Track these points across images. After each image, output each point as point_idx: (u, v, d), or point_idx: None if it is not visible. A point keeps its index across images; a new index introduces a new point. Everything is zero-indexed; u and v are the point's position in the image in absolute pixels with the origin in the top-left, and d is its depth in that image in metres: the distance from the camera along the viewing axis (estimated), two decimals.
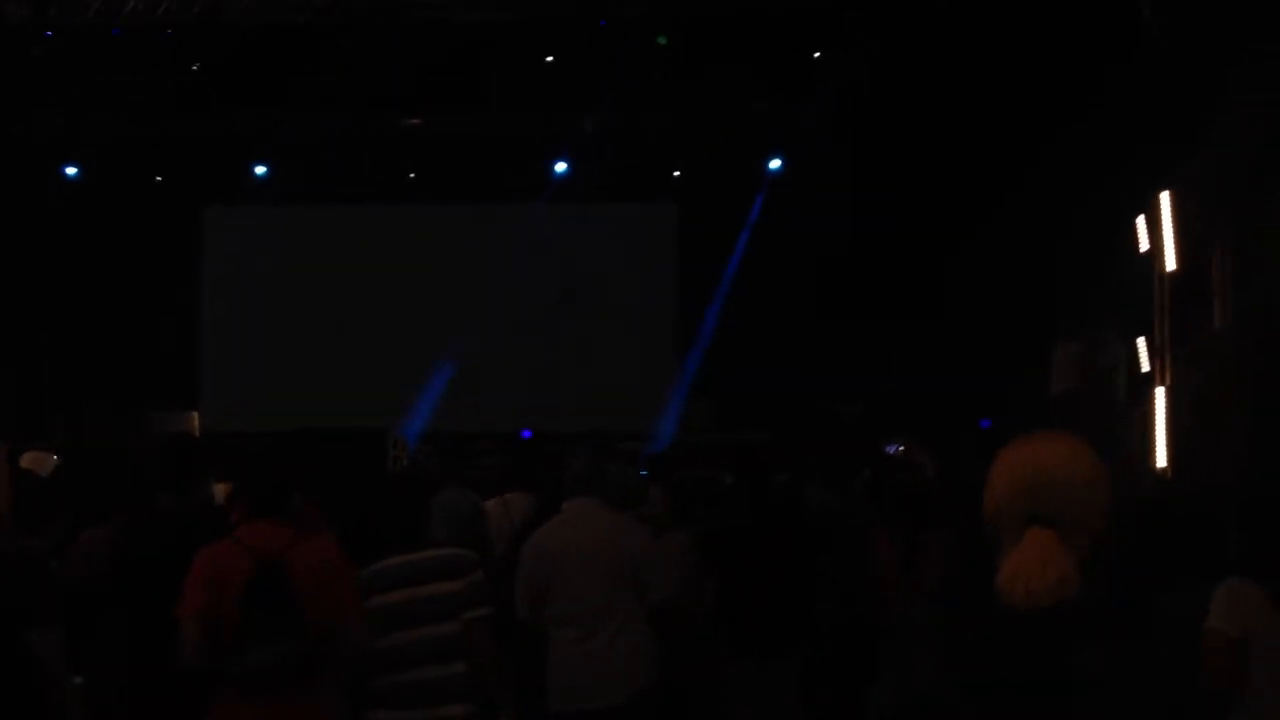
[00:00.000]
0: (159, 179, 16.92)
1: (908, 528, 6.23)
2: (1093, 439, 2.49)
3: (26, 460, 7.82)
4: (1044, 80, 12.00)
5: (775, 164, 16.04)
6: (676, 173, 16.76)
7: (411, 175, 17.10)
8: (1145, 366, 10.66)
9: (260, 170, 16.60)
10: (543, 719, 5.02)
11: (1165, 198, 9.89)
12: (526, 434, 13.37)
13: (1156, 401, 9.82)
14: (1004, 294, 13.26)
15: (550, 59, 14.49)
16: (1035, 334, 12.88)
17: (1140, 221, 10.44)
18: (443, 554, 4.36)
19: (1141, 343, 10.75)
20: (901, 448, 12.36)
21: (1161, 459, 9.54)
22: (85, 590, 4.51)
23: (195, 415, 11.54)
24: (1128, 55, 10.37)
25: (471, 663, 4.26)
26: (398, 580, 4.22)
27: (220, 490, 6.35)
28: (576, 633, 4.79)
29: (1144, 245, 10.40)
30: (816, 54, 14.34)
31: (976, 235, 13.37)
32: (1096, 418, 11.84)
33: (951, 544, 5.44)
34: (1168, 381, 9.87)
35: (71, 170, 16.31)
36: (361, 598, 4.04)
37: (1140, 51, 10.16)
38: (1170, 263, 9.91)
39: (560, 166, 16.47)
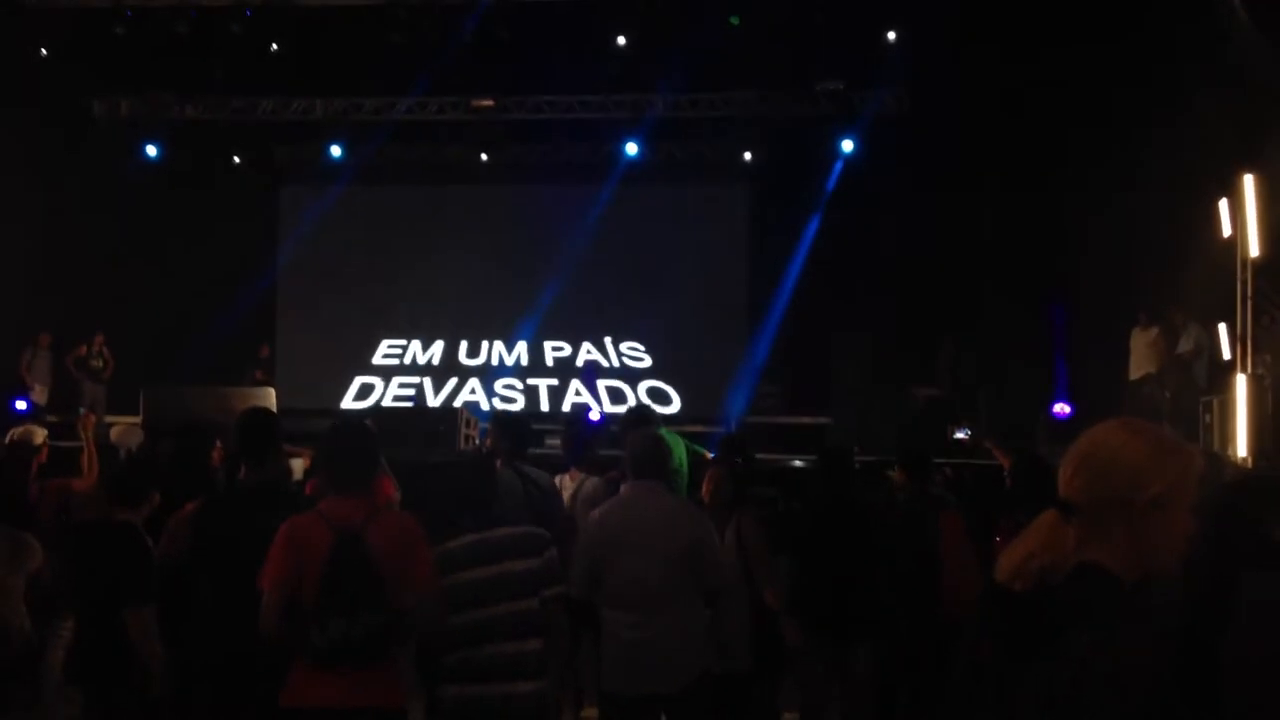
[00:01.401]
0: (237, 159, 17.15)
1: (982, 515, 6.16)
2: (1171, 426, 2.47)
3: (115, 434, 8.03)
4: (1126, 63, 11.82)
5: (848, 145, 15.87)
6: (748, 154, 16.68)
7: (484, 157, 17.18)
8: (1226, 354, 10.48)
9: (336, 151, 16.77)
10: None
11: (1249, 181, 9.70)
12: (595, 418, 13.38)
13: (1237, 389, 9.64)
14: (1082, 278, 13.07)
15: (622, 40, 14.44)
16: (1114, 319, 12.67)
17: (1223, 205, 10.25)
18: (518, 531, 4.39)
19: (1223, 329, 10.57)
20: (969, 433, 12.28)
21: (1242, 447, 9.37)
22: (176, 565, 4.60)
23: (272, 391, 11.69)
24: (1211, 39, 10.18)
25: (547, 640, 4.29)
26: (474, 558, 4.26)
27: (297, 465, 6.48)
28: (634, 616, 4.73)
29: (1226, 230, 10.22)
30: (890, 34, 14.17)
31: (1053, 219, 13.19)
32: (1176, 405, 11.67)
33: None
34: (1249, 369, 9.69)
35: (151, 150, 16.57)
36: (439, 574, 4.07)
37: (1224, 34, 9.98)
38: (1254, 248, 9.72)
39: (631, 148, 16.45)
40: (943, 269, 14.53)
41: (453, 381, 17.21)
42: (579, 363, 16.95)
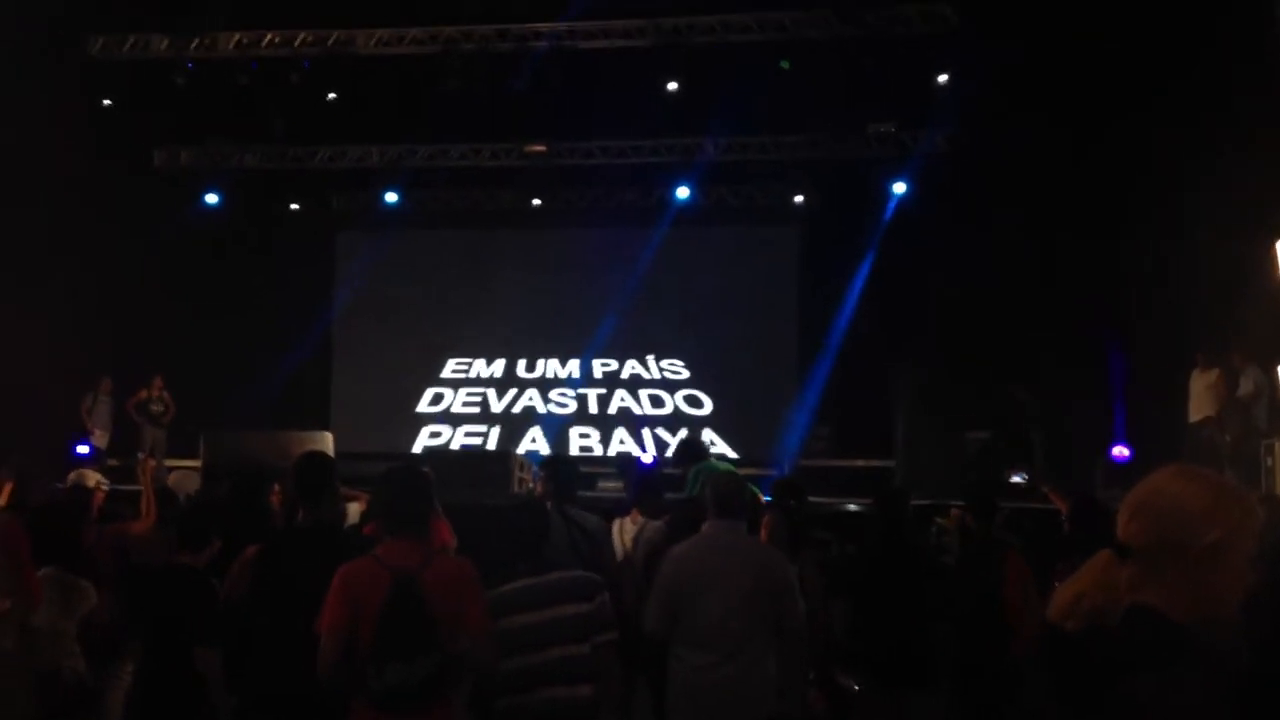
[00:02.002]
0: (294, 206, 17.42)
1: (1039, 559, 6.09)
2: (1232, 470, 2.46)
3: (173, 479, 8.13)
4: (1179, 103, 11.75)
5: (900, 187, 15.85)
6: (800, 197, 16.69)
7: (536, 202, 17.33)
8: None
9: (391, 198, 16.99)
10: None
11: None
12: (647, 460, 13.38)
13: None
14: (1138, 319, 12.93)
15: (673, 86, 14.54)
16: (1172, 361, 12.51)
17: (1279, 247, 10.12)
18: (570, 576, 4.40)
19: None
20: (1026, 476, 12.15)
21: None
22: (237, 608, 4.64)
23: (329, 435, 11.79)
24: (1266, 79, 10.10)
25: (599, 685, 4.29)
26: (527, 602, 4.26)
27: (354, 508, 6.53)
28: (710, 656, 4.69)
29: None
30: (941, 76, 14.16)
31: (1108, 259, 13.08)
32: (1236, 448, 11.48)
33: None
34: None
35: (211, 198, 16.86)
36: (492, 619, 4.08)
37: (1276, 73, 9.90)
38: None
39: (683, 192, 16.52)
40: (996, 311, 14.42)
41: (507, 424, 17.28)
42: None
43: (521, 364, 17.66)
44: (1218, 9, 11.31)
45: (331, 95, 14.96)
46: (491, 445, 16.92)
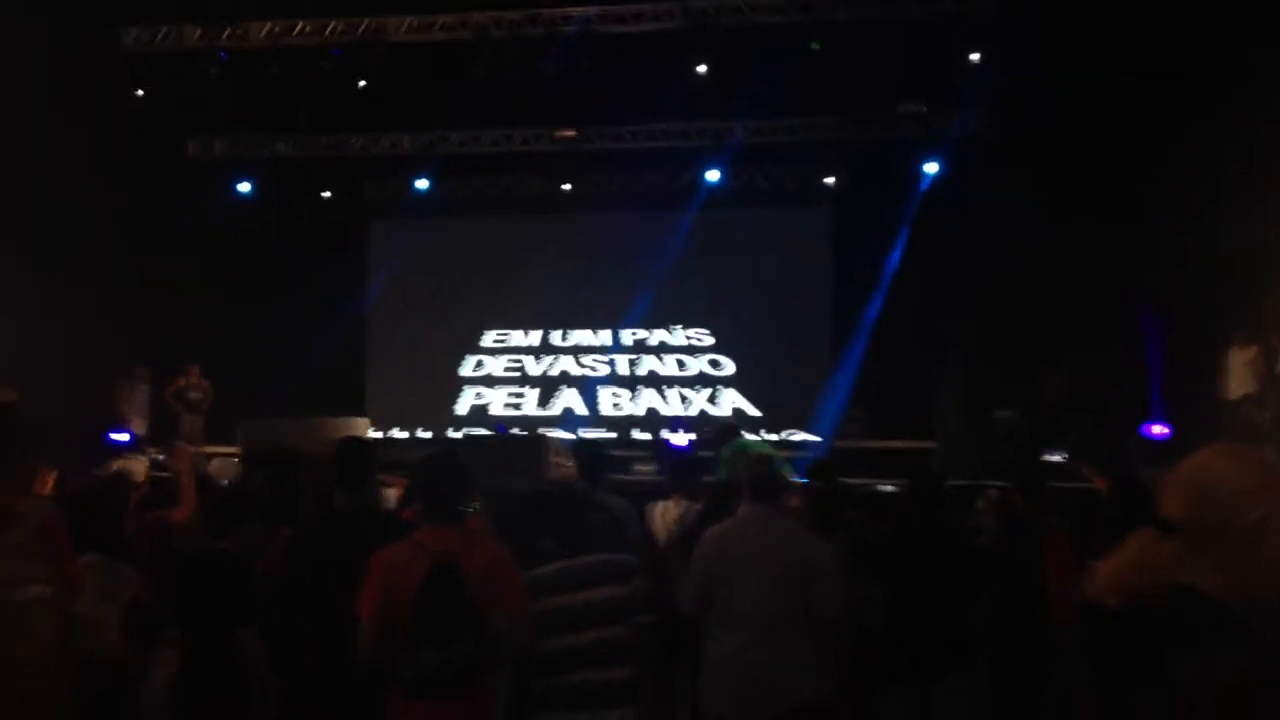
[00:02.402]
0: (327, 194, 17.49)
1: (1079, 540, 6.04)
2: (1273, 447, 2.44)
3: (212, 467, 8.20)
4: (1214, 77, 11.62)
5: (931, 167, 15.75)
6: (831, 179, 16.60)
7: (566, 186, 17.33)
8: None
9: (422, 185, 17.04)
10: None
11: None
12: (681, 442, 13.39)
13: None
14: (1175, 296, 12.81)
15: (702, 69, 14.48)
16: (1208, 338, 12.39)
17: None
18: (606, 559, 4.40)
19: None
20: (1065, 456, 12.07)
21: None
22: (273, 590, 4.69)
23: (365, 421, 11.88)
24: None
25: (635, 667, 4.30)
26: (563, 584, 4.27)
27: (391, 493, 6.57)
28: (745, 637, 4.72)
29: None
30: (973, 55, 14.03)
31: (1143, 236, 12.95)
32: (1276, 425, 11.37)
33: None
34: None
35: (244, 187, 16.97)
36: (529, 601, 4.10)
37: None
38: None
39: (713, 175, 16.48)
40: (1030, 290, 14.33)
41: (539, 408, 17.34)
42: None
43: (555, 339, 17.74)
44: None
45: (362, 83, 14.99)
46: (530, 410, 17.00)
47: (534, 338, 17.86)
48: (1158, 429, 12.15)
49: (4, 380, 12.45)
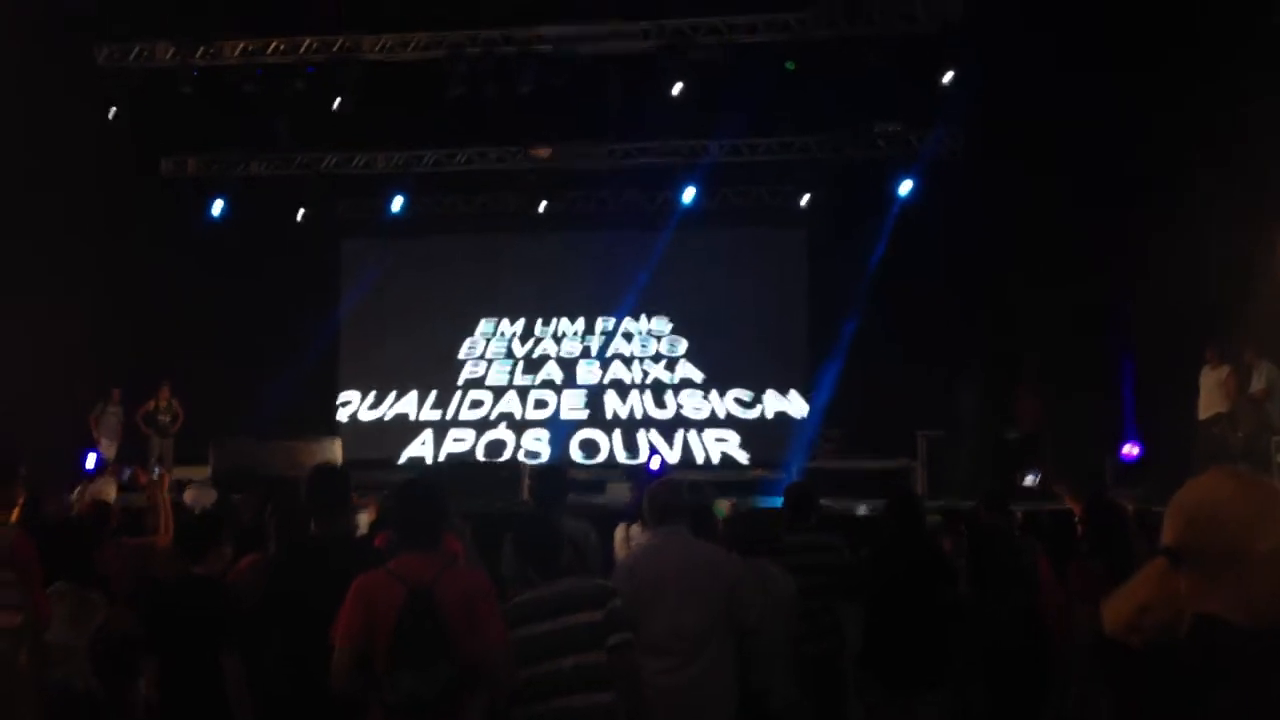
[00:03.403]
0: (301, 213, 17.43)
1: (1054, 561, 6.05)
2: (1243, 466, 2.42)
3: (189, 496, 8.12)
4: (1184, 96, 11.71)
5: (906, 187, 15.80)
6: (806, 198, 16.63)
7: (542, 205, 17.30)
8: None
9: (397, 203, 17.00)
10: None
11: None
12: (653, 466, 13.38)
13: None
14: (1147, 316, 12.88)
15: (677, 88, 14.51)
16: (1180, 358, 12.46)
17: None
18: (584, 584, 4.38)
19: None
20: (1039, 476, 12.11)
21: None
22: (249, 617, 4.64)
23: (338, 442, 11.82)
24: (1267, 67, 10.08)
25: (619, 689, 4.26)
26: (542, 611, 4.24)
27: (363, 519, 6.52)
28: (669, 661, 4.69)
29: None
30: (947, 75, 14.10)
31: (1116, 256, 13.03)
32: (1249, 445, 11.43)
33: (1102, 576, 5.26)
34: None
35: (218, 206, 16.87)
36: (508, 629, 4.08)
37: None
38: None
39: (688, 194, 16.51)
40: (1003, 309, 14.40)
41: (514, 431, 17.26)
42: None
43: (522, 395, 17.57)
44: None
45: (337, 101, 14.96)
46: (500, 444, 16.93)
47: (497, 398, 17.61)
48: (1130, 449, 12.19)
49: None
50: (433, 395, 17.48)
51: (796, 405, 16.52)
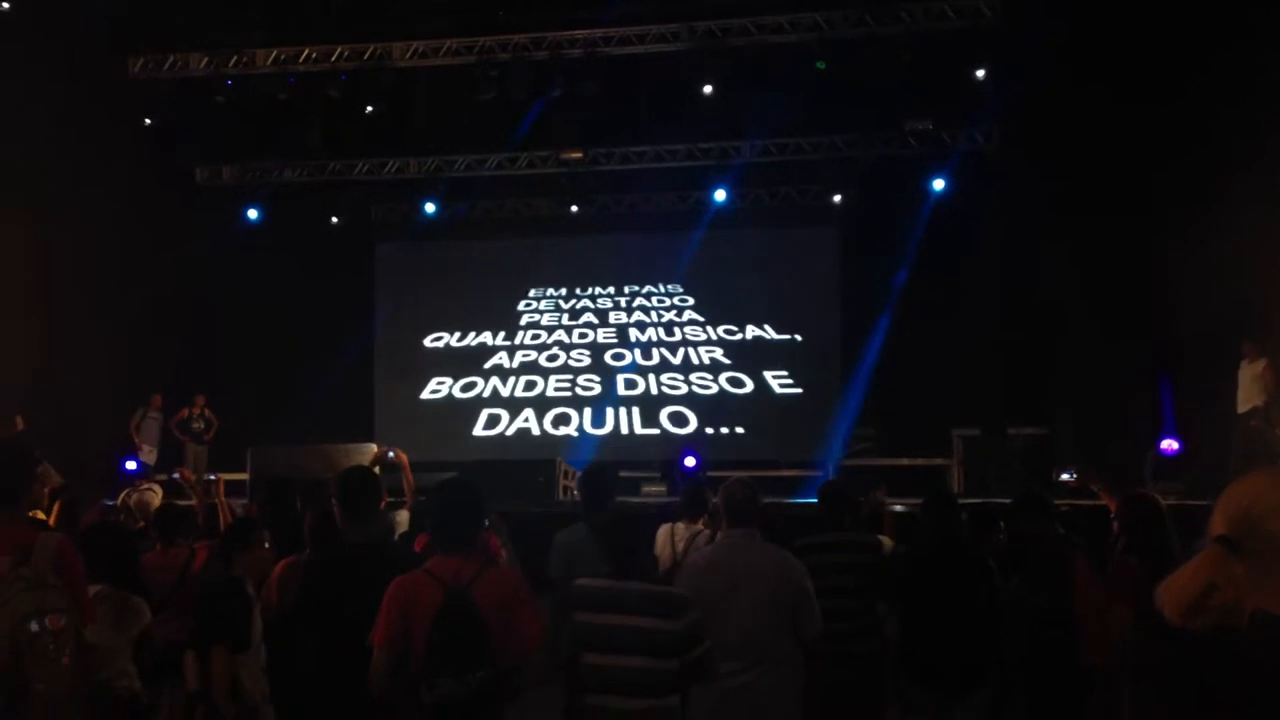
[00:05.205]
0: (335, 220, 17.55)
1: (1093, 558, 5.99)
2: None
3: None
4: (1219, 92, 11.61)
5: (939, 184, 15.73)
6: (838, 197, 16.58)
7: (574, 208, 17.34)
8: None
9: (429, 208, 17.08)
10: None
11: None
12: (690, 464, 13.35)
13: None
14: (1185, 311, 12.76)
15: (708, 89, 14.51)
16: (1219, 352, 12.34)
17: None
18: (651, 590, 4.28)
19: None
20: (1075, 474, 12.01)
21: None
22: (281, 618, 4.68)
23: (374, 446, 11.85)
24: None
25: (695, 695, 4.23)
26: (608, 603, 4.18)
27: (403, 517, 6.55)
28: (733, 664, 4.62)
29: None
30: (979, 72, 14.04)
31: (1152, 250, 12.92)
32: None
33: (1139, 572, 5.21)
34: None
35: (253, 214, 17.01)
36: (572, 609, 4.10)
37: None
38: None
39: (720, 195, 16.50)
40: (1039, 305, 14.31)
41: (550, 431, 17.29)
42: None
43: (555, 400, 17.56)
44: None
45: (369, 108, 15.06)
46: (532, 441, 16.98)
47: (529, 404, 17.62)
48: (1169, 444, 12.08)
49: (15, 411, 12.50)
50: (469, 397, 17.57)
51: (831, 403, 16.45)
